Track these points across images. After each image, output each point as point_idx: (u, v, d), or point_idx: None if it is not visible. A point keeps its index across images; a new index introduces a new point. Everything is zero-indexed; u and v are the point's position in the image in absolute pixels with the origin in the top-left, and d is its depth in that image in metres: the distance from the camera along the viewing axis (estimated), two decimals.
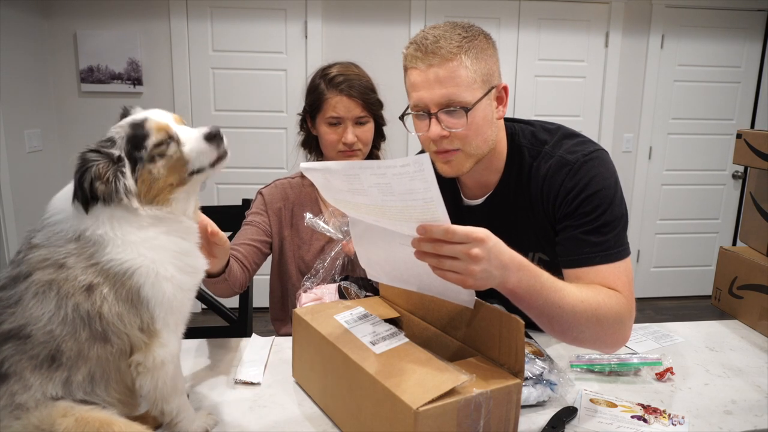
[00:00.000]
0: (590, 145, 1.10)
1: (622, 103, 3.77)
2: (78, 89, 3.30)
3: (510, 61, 3.64)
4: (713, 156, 3.93)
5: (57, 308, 0.75)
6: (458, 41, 1.00)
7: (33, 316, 0.74)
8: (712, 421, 0.96)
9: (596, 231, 1.03)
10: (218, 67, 3.41)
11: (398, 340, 0.90)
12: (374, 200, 0.80)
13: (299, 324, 1.03)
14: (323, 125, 1.40)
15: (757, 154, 1.44)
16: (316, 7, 3.39)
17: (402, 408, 0.73)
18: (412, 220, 0.80)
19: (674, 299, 4.10)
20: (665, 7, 3.68)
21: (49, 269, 0.76)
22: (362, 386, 0.83)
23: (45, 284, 0.75)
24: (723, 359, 1.21)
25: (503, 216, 1.17)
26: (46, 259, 0.76)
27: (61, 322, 0.74)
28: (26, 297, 0.75)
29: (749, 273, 1.44)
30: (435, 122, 1.03)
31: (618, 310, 0.98)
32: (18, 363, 0.74)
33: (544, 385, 0.99)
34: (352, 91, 1.36)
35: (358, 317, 0.99)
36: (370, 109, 1.39)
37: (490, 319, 0.87)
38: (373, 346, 0.88)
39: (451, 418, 0.75)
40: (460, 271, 0.81)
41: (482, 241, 0.80)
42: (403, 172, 0.72)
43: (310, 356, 1.00)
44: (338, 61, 1.46)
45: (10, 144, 2.83)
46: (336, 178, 0.83)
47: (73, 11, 3.22)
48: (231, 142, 0.87)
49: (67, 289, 0.75)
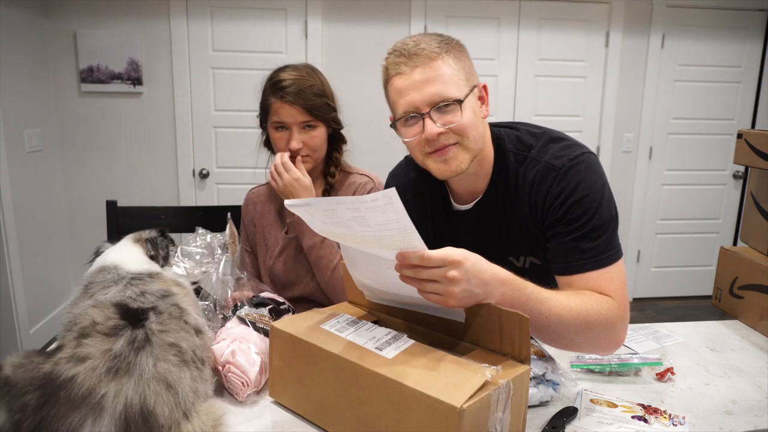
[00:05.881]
0: (576, 148, 1.08)
1: (623, 103, 3.77)
2: (78, 89, 3.30)
3: (510, 61, 3.64)
4: (714, 156, 3.93)
5: None
6: (437, 43, 1.03)
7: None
8: (713, 422, 0.96)
9: (585, 237, 1.02)
10: (218, 67, 3.41)
11: (404, 342, 0.88)
12: (354, 231, 0.84)
13: (280, 339, 0.97)
14: (271, 129, 1.40)
15: (758, 154, 1.43)
16: (316, 7, 3.39)
17: (443, 409, 0.73)
18: (391, 248, 0.83)
19: (675, 299, 4.10)
20: (666, 7, 3.68)
21: None
22: (382, 394, 0.80)
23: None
24: (723, 359, 1.21)
25: (493, 221, 1.16)
26: None
27: None
28: None
29: (750, 273, 1.44)
30: (429, 121, 1.02)
31: (608, 315, 0.97)
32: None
33: (547, 385, 1.00)
34: (294, 98, 1.33)
35: (347, 324, 0.96)
36: (315, 114, 1.36)
37: (488, 316, 0.87)
38: (381, 351, 0.85)
39: (485, 412, 0.76)
40: (441, 292, 0.84)
41: (459, 263, 0.82)
42: (374, 206, 0.76)
43: (299, 372, 0.94)
44: (294, 63, 1.43)
45: (9, 144, 2.83)
46: (317, 212, 0.87)
47: (73, 11, 3.22)
48: (231, 142, 0.88)
49: None
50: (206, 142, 3.48)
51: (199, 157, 3.49)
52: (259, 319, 1.11)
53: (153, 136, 3.43)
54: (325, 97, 1.38)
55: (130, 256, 1.06)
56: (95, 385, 0.73)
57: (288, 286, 1.45)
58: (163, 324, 0.86)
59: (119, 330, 0.81)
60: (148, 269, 1.03)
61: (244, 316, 1.10)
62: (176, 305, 0.92)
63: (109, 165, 3.41)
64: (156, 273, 1.02)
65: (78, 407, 0.71)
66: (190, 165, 3.49)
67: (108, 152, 3.40)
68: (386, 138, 1.49)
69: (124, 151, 3.42)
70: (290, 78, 1.35)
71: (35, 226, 3.06)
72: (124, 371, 0.76)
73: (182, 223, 1.77)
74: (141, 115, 3.39)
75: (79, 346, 0.77)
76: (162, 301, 0.91)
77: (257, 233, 1.51)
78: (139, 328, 0.83)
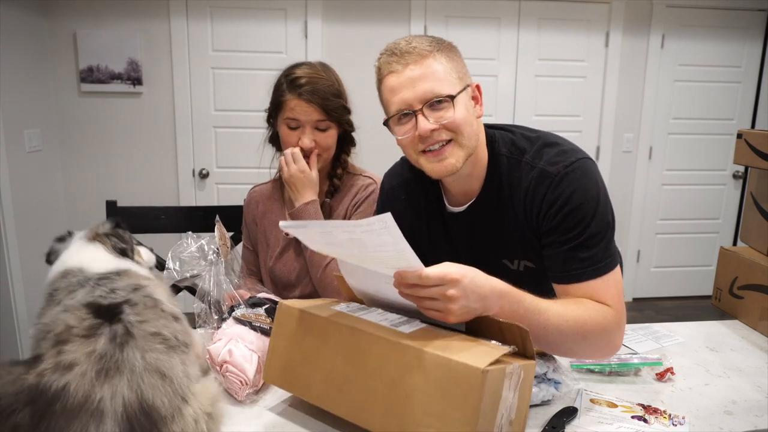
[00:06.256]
0: (572, 154, 1.06)
1: (623, 103, 3.77)
2: (78, 89, 3.30)
3: (510, 61, 3.63)
4: (714, 156, 3.93)
5: None
6: (429, 42, 1.04)
7: None
8: (713, 422, 0.96)
9: (582, 246, 1.01)
10: (218, 67, 3.41)
11: (417, 324, 0.89)
12: (351, 251, 0.85)
13: (288, 315, 0.96)
14: (282, 125, 1.39)
15: (758, 154, 1.43)
16: (316, 7, 3.39)
17: (465, 371, 0.74)
18: (389, 267, 0.84)
19: (674, 299, 4.10)
20: (666, 7, 3.68)
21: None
22: (400, 362, 0.80)
23: None
24: (723, 359, 1.21)
25: (486, 224, 1.15)
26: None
27: None
28: None
29: (750, 273, 1.44)
30: (422, 117, 1.02)
31: (605, 324, 0.98)
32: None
33: (549, 384, 1.00)
34: (311, 96, 1.32)
35: (357, 308, 0.97)
36: (331, 114, 1.35)
37: (489, 327, 0.88)
38: (397, 328, 0.86)
39: (500, 383, 0.77)
40: (440, 309, 0.85)
41: (456, 281, 0.83)
42: (371, 230, 0.76)
43: (304, 348, 0.94)
44: (310, 61, 1.43)
45: (9, 144, 2.82)
46: (313, 234, 0.87)
47: (73, 11, 3.22)
48: (231, 142, 0.88)
49: None
50: (206, 142, 3.48)
51: (199, 157, 3.49)
52: (255, 318, 1.11)
53: (153, 136, 3.43)
54: (341, 99, 1.38)
55: (93, 255, 1.00)
56: (89, 390, 0.71)
57: (288, 286, 1.45)
58: (140, 314, 0.83)
59: (97, 329, 0.78)
60: (116, 267, 0.97)
61: (240, 316, 1.10)
62: (149, 296, 0.89)
63: (109, 165, 3.41)
64: (124, 270, 0.96)
65: (77, 416, 0.69)
66: (190, 165, 3.49)
67: (108, 152, 3.40)
68: (385, 138, 1.48)
69: (124, 151, 3.41)
70: (308, 75, 1.34)
71: (35, 226, 3.06)
72: (114, 370, 0.74)
73: (182, 223, 1.77)
74: (141, 115, 3.39)
75: (61, 354, 0.74)
76: (134, 294, 0.88)
77: (259, 232, 1.51)
78: (116, 323, 0.79)
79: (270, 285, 1.47)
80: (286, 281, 1.45)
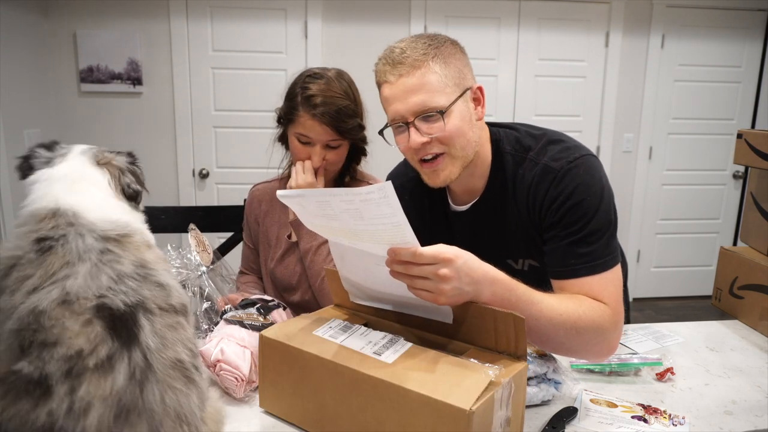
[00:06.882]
0: (576, 150, 1.06)
1: (623, 103, 3.77)
2: (78, 89, 3.30)
3: (510, 61, 3.63)
4: (714, 156, 3.93)
5: None
6: (423, 49, 1.02)
7: None
8: (713, 422, 0.96)
9: (582, 241, 1.01)
10: (218, 67, 3.41)
11: (402, 345, 0.87)
12: (347, 224, 0.83)
13: (271, 348, 0.93)
14: (293, 137, 1.33)
15: (758, 154, 1.43)
16: (316, 7, 3.39)
17: (451, 412, 0.72)
18: (383, 243, 0.83)
19: (674, 299, 4.10)
20: (666, 7, 3.68)
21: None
22: (384, 399, 0.79)
23: None
24: (723, 359, 1.21)
25: (490, 222, 1.15)
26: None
27: None
28: None
29: (750, 273, 1.44)
30: (414, 131, 1.02)
31: (600, 322, 0.97)
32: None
33: (549, 384, 1.00)
34: (324, 118, 1.26)
35: (339, 329, 0.94)
36: (344, 135, 1.30)
37: (482, 316, 0.87)
38: (380, 356, 0.84)
39: (490, 411, 0.76)
40: (431, 290, 0.84)
41: (450, 261, 0.82)
42: (369, 199, 0.75)
43: (292, 381, 0.91)
44: (328, 68, 1.35)
45: (9, 144, 2.82)
46: (310, 204, 0.86)
47: (73, 11, 3.22)
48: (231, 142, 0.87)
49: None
50: (206, 142, 3.48)
51: (199, 157, 3.49)
52: (246, 317, 1.11)
53: (153, 136, 3.43)
54: (357, 117, 1.32)
55: (94, 195, 0.78)
56: None
57: (289, 290, 1.44)
58: (158, 333, 0.71)
59: (113, 359, 0.66)
60: (119, 223, 0.76)
61: (230, 317, 1.10)
62: (159, 285, 0.75)
63: None
64: (124, 233, 0.76)
65: None
66: (190, 165, 3.49)
67: None
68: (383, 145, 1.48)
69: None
70: (323, 94, 1.28)
71: None
72: (134, 415, 0.66)
73: (182, 223, 1.77)
74: (141, 115, 3.39)
75: (75, 392, 0.63)
76: (144, 287, 0.73)
77: (260, 232, 1.49)
78: (134, 348, 0.68)
79: (270, 286, 1.47)
80: (286, 284, 1.44)
